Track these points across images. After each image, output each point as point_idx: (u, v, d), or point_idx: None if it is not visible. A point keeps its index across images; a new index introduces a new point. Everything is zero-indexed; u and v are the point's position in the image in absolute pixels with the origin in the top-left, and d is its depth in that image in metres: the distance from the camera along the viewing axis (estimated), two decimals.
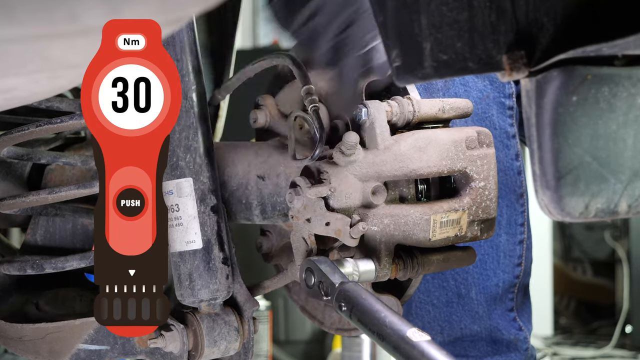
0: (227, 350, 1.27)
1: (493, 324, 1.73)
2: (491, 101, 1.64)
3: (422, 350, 1.04)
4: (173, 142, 1.23)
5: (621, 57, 0.88)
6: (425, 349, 1.04)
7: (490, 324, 1.72)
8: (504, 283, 1.72)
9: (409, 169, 1.19)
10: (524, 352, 1.76)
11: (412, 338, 1.05)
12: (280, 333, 2.88)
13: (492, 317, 1.73)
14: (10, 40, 0.64)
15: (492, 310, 1.73)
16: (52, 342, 1.29)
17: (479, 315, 1.72)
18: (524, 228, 1.74)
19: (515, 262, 1.74)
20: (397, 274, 1.23)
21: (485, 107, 1.63)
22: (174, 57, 1.22)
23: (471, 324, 1.72)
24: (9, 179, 1.48)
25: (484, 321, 1.72)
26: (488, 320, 1.72)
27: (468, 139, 1.23)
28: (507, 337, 1.74)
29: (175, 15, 0.72)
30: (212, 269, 1.23)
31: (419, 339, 1.05)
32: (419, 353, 1.04)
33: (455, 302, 1.71)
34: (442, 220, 1.20)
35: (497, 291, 1.70)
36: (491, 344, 1.74)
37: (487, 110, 1.63)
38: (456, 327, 1.73)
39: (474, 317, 1.72)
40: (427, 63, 0.88)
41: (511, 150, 1.68)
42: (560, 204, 0.90)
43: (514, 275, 1.74)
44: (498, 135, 1.62)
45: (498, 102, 1.67)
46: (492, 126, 1.66)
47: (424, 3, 0.86)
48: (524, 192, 1.73)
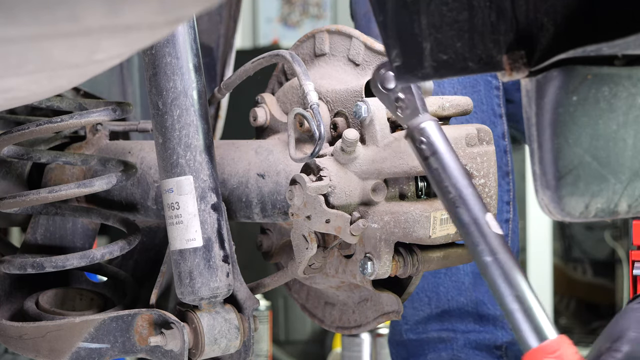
0: (228, 348, 1.27)
1: (479, 296, 1.74)
2: (479, 77, 1.66)
3: (492, 240, 0.99)
4: (173, 139, 1.23)
5: (621, 57, 0.88)
6: (495, 241, 0.99)
7: (476, 297, 1.74)
8: None
9: (409, 166, 1.19)
10: (511, 332, 1.77)
11: (487, 223, 1.00)
12: (280, 333, 2.88)
13: (477, 291, 1.74)
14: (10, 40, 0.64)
15: (478, 284, 1.74)
16: (52, 341, 1.29)
17: (465, 286, 1.74)
18: (510, 207, 1.75)
19: None
20: (397, 271, 1.23)
21: (473, 81, 1.64)
22: (174, 56, 1.22)
23: (457, 296, 1.74)
24: (9, 178, 1.48)
25: (469, 293, 1.74)
26: (473, 292, 1.74)
27: (468, 136, 1.23)
28: (494, 313, 1.75)
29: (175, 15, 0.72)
30: (213, 266, 1.23)
31: (493, 229, 1.00)
32: (484, 241, 0.99)
33: (442, 272, 1.73)
34: (442, 217, 1.20)
35: None
36: (478, 321, 1.75)
37: (475, 85, 1.65)
38: (443, 298, 1.75)
39: (460, 288, 1.74)
40: (427, 63, 0.88)
41: (498, 128, 1.70)
42: (560, 204, 0.90)
43: None
44: (485, 110, 1.64)
45: (485, 80, 1.68)
46: (480, 101, 1.67)
47: (424, 3, 0.86)
48: (509, 171, 1.75)
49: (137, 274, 1.47)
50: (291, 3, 4.95)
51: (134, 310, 1.27)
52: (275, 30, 4.90)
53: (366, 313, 1.36)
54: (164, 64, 1.22)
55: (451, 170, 1.04)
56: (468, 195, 1.02)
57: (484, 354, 1.75)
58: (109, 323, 1.27)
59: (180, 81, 1.23)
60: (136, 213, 1.41)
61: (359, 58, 1.30)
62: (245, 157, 1.33)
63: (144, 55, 1.23)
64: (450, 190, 1.03)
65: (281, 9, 4.94)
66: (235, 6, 1.82)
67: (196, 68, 1.24)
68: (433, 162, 1.05)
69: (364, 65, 1.30)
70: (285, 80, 1.41)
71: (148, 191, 1.39)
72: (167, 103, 1.23)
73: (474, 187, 1.03)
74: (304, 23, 4.96)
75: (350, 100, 1.26)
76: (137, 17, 0.68)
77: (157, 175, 1.35)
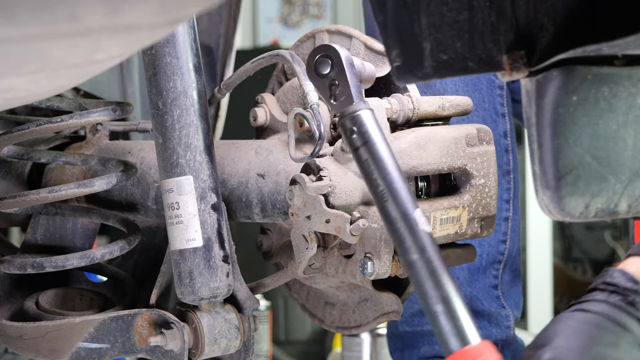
0: (228, 348, 1.27)
1: (474, 292, 1.75)
2: (482, 76, 1.66)
3: (419, 238, 0.95)
4: (173, 139, 1.23)
5: (621, 57, 0.88)
6: (423, 239, 0.94)
7: (470, 292, 1.74)
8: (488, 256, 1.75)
9: (409, 166, 1.19)
10: (506, 330, 1.78)
11: (416, 220, 0.96)
12: (280, 333, 2.88)
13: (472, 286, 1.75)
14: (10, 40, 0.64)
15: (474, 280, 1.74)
16: (52, 341, 1.29)
17: (460, 281, 1.74)
18: (510, 206, 1.76)
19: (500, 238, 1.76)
20: (397, 271, 1.23)
21: (475, 79, 1.64)
22: (174, 56, 1.22)
23: None
24: (9, 178, 1.48)
25: (464, 288, 1.74)
26: (468, 287, 1.74)
27: (468, 136, 1.23)
28: (488, 310, 1.76)
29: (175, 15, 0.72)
30: (213, 266, 1.23)
31: (422, 227, 0.96)
32: (412, 239, 0.95)
33: None
34: (442, 217, 1.20)
35: (480, 262, 1.72)
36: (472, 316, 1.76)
37: (477, 83, 1.65)
38: None
39: None
40: (427, 63, 0.88)
41: (499, 127, 1.70)
42: (560, 204, 0.90)
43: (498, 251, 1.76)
44: (487, 109, 1.64)
45: (488, 79, 1.68)
46: (482, 99, 1.67)
47: (424, 3, 0.86)
48: (511, 170, 1.75)
49: (137, 274, 1.47)
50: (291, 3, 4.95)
51: (134, 310, 1.27)
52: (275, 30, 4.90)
53: (366, 313, 1.36)
54: (164, 64, 1.22)
55: (382, 163, 0.99)
56: (398, 189, 0.98)
57: None
58: (109, 323, 1.27)
59: (180, 81, 1.23)
60: (136, 213, 1.41)
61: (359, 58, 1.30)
62: (245, 157, 1.33)
63: (144, 55, 1.23)
64: (379, 184, 0.99)
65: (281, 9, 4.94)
66: (235, 6, 1.82)
67: (196, 68, 1.24)
68: (363, 153, 1.00)
69: None
70: (285, 80, 1.41)
71: (148, 191, 1.39)
72: (167, 103, 1.23)
73: (405, 181, 0.99)
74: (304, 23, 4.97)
75: None
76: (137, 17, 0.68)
77: (157, 175, 1.35)
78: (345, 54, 1.08)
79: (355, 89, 1.05)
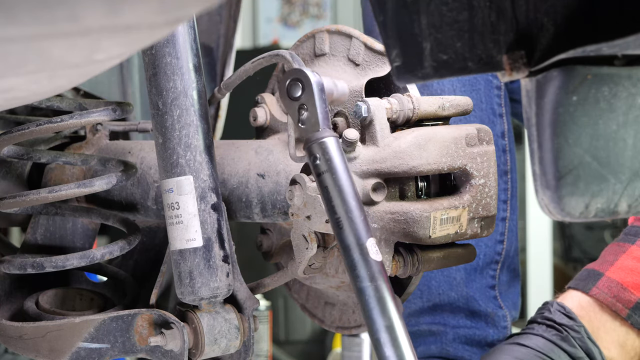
0: (228, 348, 1.27)
1: (470, 292, 1.75)
2: (479, 76, 1.66)
3: (370, 266, 1.00)
4: (173, 139, 1.23)
5: (621, 57, 0.88)
6: (373, 267, 1.00)
7: (467, 293, 1.75)
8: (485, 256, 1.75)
9: (409, 166, 1.19)
10: (503, 330, 1.78)
11: (368, 249, 1.01)
12: (280, 333, 2.88)
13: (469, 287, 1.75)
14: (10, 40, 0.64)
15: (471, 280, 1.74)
16: (53, 341, 1.29)
17: (456, 282, 1.74)
18: (507, 206, 1.76)
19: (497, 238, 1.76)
20: (397, 271, 1.23)
21: (473, 80, 1.64)
22: (174, 56, 1.22)
23: (448, 290, 1.75)
24: (8, 178, 1.48)
25: (461, 289, 1.74)
26: (465, 288, 1.75)
27: (468, 136, 1.23)
28: (485, 310, 1.76)
29: (175, 15, 0.72)
30: (213, 266, 1.23)
31: (373, 256, 1.01)
32: (364, 266, 1.00)
33: None
34: (442, 217, 1.20)
35: (477, 262, 1.73)
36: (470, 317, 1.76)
37: (475, 84, 1.65)
38: (434, 292, 1.75)
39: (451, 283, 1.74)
40: (427, 63, 0.88)
41: (497, 128, 1.70)
42: (560, 204, 0.90)
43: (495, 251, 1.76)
44: (485, 109, 1.64)
45: (485, 79, 1.68)
46: (479, 100, 1.67)
47: (424, 3, 0.86)
48: (508, 170, 1.75)
49: (137, 274, 1.47)
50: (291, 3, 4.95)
51: (134, 310, 1.27)
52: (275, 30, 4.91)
53: None
54: (164, 64, 1.22)
55: (342, 191, 1.05)
56: (354, 218, 1.03)
57: (474, 349, 1.76)
58: (109, 323, 1.27)
59: (180, 81, 1.23)
60: (136, 213, 1.41)
61: (359, 58, 1.30)
62: (245, 157, 1.33)
63: (144, 55, 1.23)
64: (337, 211, 1.04)
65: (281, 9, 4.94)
66: (235, 6, 1.82)
67: (196, 68, 1.24)
68: (325, 178, 1.06)
69: (364, 65, 1.30)
70: None
71: (148, 191, 1.39)
72: (167, 103, 1.23)
73: (362, 210, 1.04)
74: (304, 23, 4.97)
75: (350, 100, 1.26)
76: (137, 17, 0.68)
77: (157, 175, 1.35)
78: (316, 79, 1.11)
79: (323, 115, 1.09)
